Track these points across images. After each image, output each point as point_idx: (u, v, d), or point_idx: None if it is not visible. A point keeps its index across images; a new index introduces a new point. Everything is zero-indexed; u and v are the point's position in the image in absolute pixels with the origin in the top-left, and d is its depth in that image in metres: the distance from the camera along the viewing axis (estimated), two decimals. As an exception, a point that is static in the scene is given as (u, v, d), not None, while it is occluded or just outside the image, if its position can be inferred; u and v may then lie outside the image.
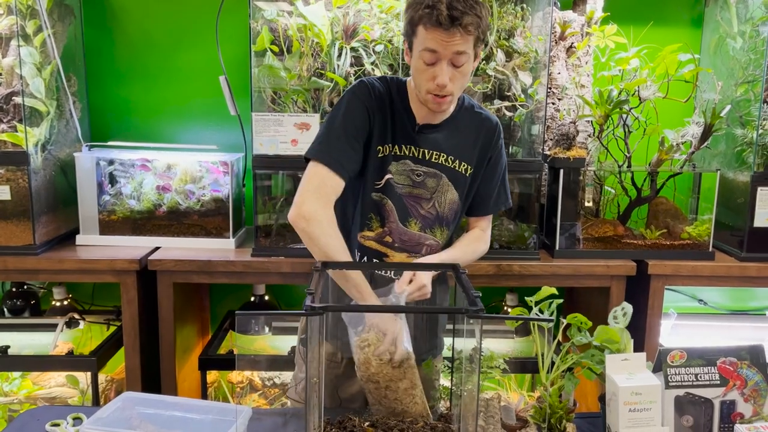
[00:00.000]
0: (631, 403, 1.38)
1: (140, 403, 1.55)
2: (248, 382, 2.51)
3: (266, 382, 2.51)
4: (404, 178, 1.61)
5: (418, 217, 1.64)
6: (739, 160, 2.32)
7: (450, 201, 1.66)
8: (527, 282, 2.19)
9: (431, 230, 1.66)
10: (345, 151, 1.54)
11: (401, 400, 1.40)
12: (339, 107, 1.59)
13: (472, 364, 1.27)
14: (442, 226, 1.67)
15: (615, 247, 2.26)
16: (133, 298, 2.13)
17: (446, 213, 1.66)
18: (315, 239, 1.49)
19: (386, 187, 1.60)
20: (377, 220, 1.62)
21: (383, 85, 1.61)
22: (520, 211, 2.32)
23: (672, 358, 1.45)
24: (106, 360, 2.26)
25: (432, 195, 1.64)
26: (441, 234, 1.68)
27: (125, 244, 2.27)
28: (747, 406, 1.43)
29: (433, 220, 1.66)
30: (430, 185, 1.63)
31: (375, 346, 1.38)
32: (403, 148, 1.61)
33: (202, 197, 2.29)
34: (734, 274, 2.21)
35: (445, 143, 1.63)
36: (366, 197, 1.61)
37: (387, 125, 1.59)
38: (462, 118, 1.67)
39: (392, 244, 1.63)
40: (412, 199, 1.63)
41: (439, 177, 1.64)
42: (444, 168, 1.64)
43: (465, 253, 1.69)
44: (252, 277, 2.18)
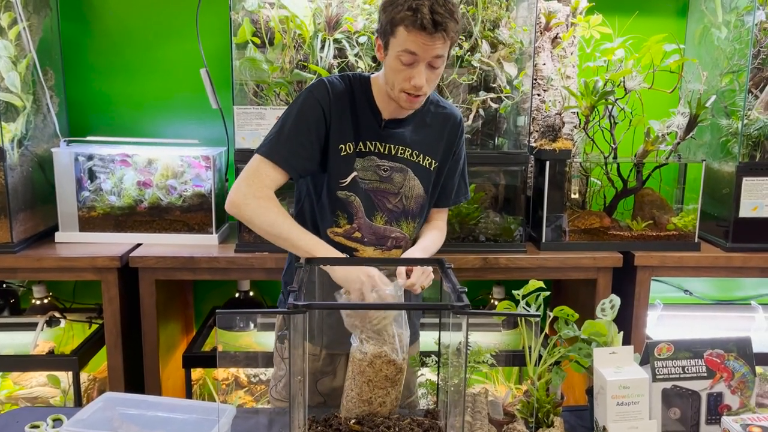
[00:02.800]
0: (619, 396, 1.38)
1: (122, 403, 1.52)
2: (234, 379, 2.49)
3: (252, 379, 2.49)
4: (371, 174, 1.60)
5: (384, 211, 1.63)
6: (725, 150, 2.32)
7: (416, 195, 1.65)
8: (514, 275, 2.18)
9: (397, 224, 1.65)
10: (292, 147, 1.54)
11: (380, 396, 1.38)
12: (294, 105, 1.58)
13: (459, 358, 1.25)
14: (408, 220, 1.66)
15: (601, 239, 2.25)
16: (115, 296, 2.09)
17: (413, 207, 1.66)
18: (251, 221, 1.52)
19: (352, 185, 1.59)
20: (344, 217, 1.61)
21: (344, 83, 1.60)
22: (506, 204, 2.31)
23: (659, 351, 1.45)
24: (87, 359, 2.22)
25: (399, 189, 1.63)
26: (407, 227, 1.67)
27: (106, 241, 2.23)
28: (734, 398, 1.43)
29: (400, 214, 1.65)
30: (397, 180, 1.62)
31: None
32: (368, 144, 1.60)
33: (184, 192, 2.25)
34: (720, 265, 2.21)
35: (411, 138, 1.63)
36: (332, 195, 1.60)
37: (348, 123, 1.58)
38: (427, 113, 1.66)
39: (361, 239, 1.62)
40: (379, 194, 1.62)
41: (405, 171, 1.63)
42: (409, 162, 1.63)
43: (435, 242, 1.71)
44: (236, 273, 2.15)
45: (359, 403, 1.36)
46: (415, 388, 1.74)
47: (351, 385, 1.38)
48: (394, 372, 1.35)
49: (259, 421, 1.60)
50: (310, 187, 1.64)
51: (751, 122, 2.17)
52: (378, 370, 1.34)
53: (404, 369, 1.38)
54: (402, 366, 1.36)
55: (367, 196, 1.61)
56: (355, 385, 1.37)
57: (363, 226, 1.61)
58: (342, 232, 1.61)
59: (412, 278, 1.47)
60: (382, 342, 1.34)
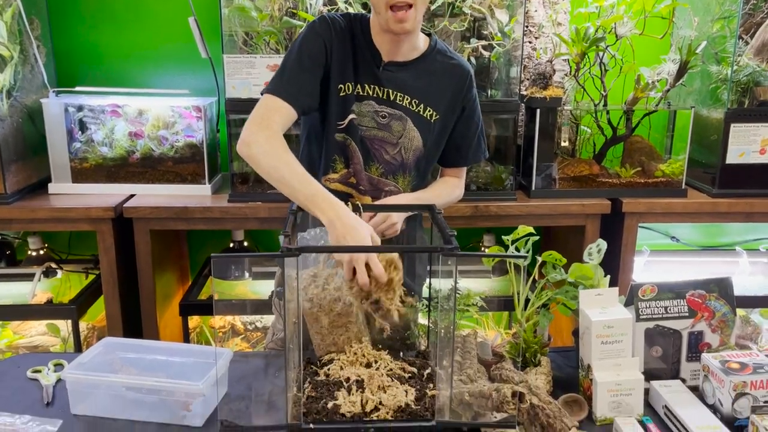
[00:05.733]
0: (603, 336, 1.42)
1: (121, 348, 1.56)
2: (230, 327, 2.54)
3: (248, 326, 2.54)
4: (368, 120, 1.58)
5: (381, 162, 1.61)
6: (714, 97, 2.33)
7: (415, 147, 1.63)
8: (504, 222, 2.21)
9: (393, 177, 1.64)
10: (297, 82, 1.51)
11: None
12: (296, 41, 1.55)
13: (449, 302, 1.29)
14: (404, 174, 1.65)
15: (590, 186, 2.28)
16: (110, 246, 2.12)
17: (410, 160, 1.63)
18: (257, 160, 1.45)
19: (349, 129, 1.57)
20: (341, 162, 1.60)
21: (345, 20, 1.56)
22: (496, 153, 2.32)
23: (643, 292, 1.49)
24: (86, 308, 2.26)
25: (398, 140, 1.61)
26: (403, 181, 1.65)
27: (99, 192, 2.24)
28: (714, 336, 1.48)
29: (397, 167, 1.63)
30: (396, 129, 1.60)
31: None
32: (366, 87, 1.57)
33: (175, 143, 2.25)
34: (706, 211, 2.25)
35: (411, 85, 1.59)
36: (329, 139, 1.59)
37: (348, 62, 1.55)
38: (432, 61, 1.62)
39: (357, 186, 1.62)
40: (376, 142, 1.60)
41: (404, 120, 1.60)
42: (408, 111, 1.60)
43: (439, 196, 1.68)
44: (229, 222, 2.18)
45: (326, 346, 1.40)
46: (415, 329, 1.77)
47: (313, 333, 1.41)
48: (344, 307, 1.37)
49: (255, 364, 1.65)
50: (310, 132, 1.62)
51: (741, 68, 2.18)
52: (329, 311, 1.37)
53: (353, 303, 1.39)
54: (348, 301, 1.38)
55: (364, 144, 1.60)
56: (315, 332, 1.40)
57: (359, 172, 1.61)
58: (338, 177, 1.61)
59: (370, 222, 1.46)
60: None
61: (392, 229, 1.52)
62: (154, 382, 1.39)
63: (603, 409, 1.39)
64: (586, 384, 1.46)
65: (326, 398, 1.26)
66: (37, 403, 1.45)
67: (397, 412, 1.23)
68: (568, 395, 1.45)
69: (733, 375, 1.32)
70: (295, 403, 1.22)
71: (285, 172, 1.42)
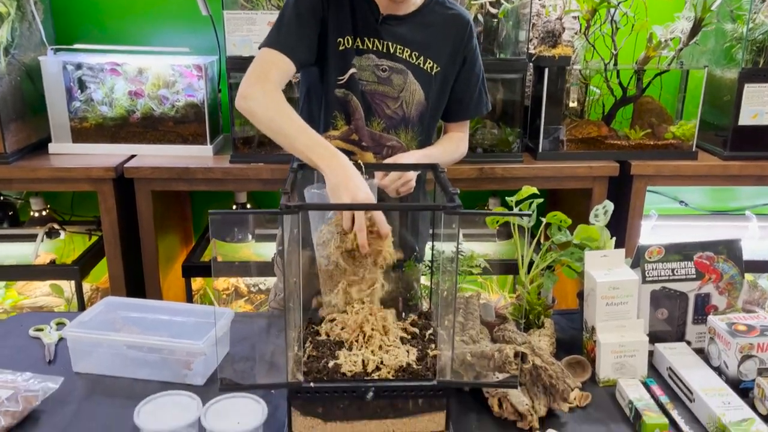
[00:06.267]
0: (608, 297, 1.40)
1: (122, 307, 1.55)
2: (233, 289, 2.54)
3: (251, 289, 2.54)
4: (369, 74, 1.55)
5: (383, 116, 1.59)
6: (728, 56, 2.26)
7: (417, 101, 1.60)
8: (510, 185, 2.18)
9: (395, 132, 1.61)
10: (295, 35, 1.48)
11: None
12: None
13: (452, 264, 1.26)
14: (407, 128, 1.62)
15: (598, 149, 2.24)
16: (112, 207, 2.10)
17: (413, 114, 1.61)
18: (255, 113, 1.42)
19: (350, 84, 1.55)
20: (342, 118, 1.57)
21: None
22: (503, 114, 2.28)
23: (650, 254, 1.47)
24: (89, 269, 2.26)
25: (399, 94, 1.58)
26: (405, 136, 1.62)
27: (100, 152, 2.21)
28: (721, 298, 1.46)
29: (399, 121, 1.60)
30: (397, 82, 1.57)
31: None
32: (366, 41, 1.54)
33: (176, 103, 2.21)
34: (716, 173, 2.21)
35: (410, 37, 1.56)
36: (329, 95, 1.56)
37: (346, 15, 1.52)
38: (430, 13, 1.59)
39: (359, 143, 1.59)
40: (377, 97, 1.57)
41: (405, 74, 1.57)
42: (408, 64, 1.57)
43: (444, 152, 1.65)
44: (231, 184, 2.15)
45: (337, 304, 1.38)
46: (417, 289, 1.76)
47: (325, 290, 1.39)
48: (360, 267, 1.35)
49: (257, 325, 1.64)
50: (310, 88, 1.59)
51: (757, 26, 2.11)
52: (344, 270, 1.35)
53: (369, 263, 1.37)
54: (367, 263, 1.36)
55: (365, 99, 1.57)
56: (327, 289, 1.38)
57: (360, 129, 1.58)
58: (339, 134, 1.58)
59: (386, 179, 1.44)
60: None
61: (407, 186, 1.49)
62: (155, 341, 1.38)
63: (606, 371, 1.38)
64: (589, 346, 1.45)
65: (327, 357, 1.25)
66: (39, 361, 1.46)
67: (398, 371, 1.22)
68: (571, 357, 1.44)
69: (740, 337, 1.30)
70: (296, 362, 1.21)
71: (283, 122, 1.39)
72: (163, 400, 1.24)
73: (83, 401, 1.31)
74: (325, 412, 1.21)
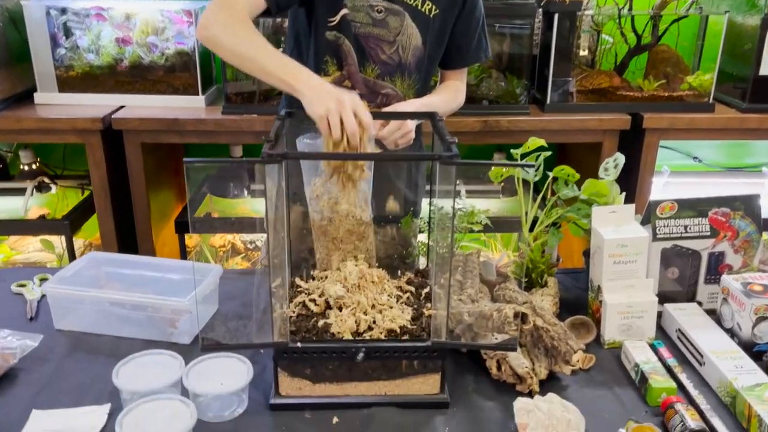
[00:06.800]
0: (616, 255, 1.33)
1: (106, 262, 1.49)
2: (230, 246, 2.48)
3: (248, 245, 2.47)
4: (362, 16, 1.44)
5: (377, 62, 1.48)
6: (750, 2, 2.13)
7: (414, 46, 1.50)
8: (515, 138, 2.08)
9: (391, 78, 1.51)
10: None
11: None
12: None
13: (450, 219, 1.18)
14: (403, 76, 1.52)
15: (610, 100, 2.14)
16: (100, 160, 2.03)
17: (409, 60, 1.51)
18: (218, 40, 1.31)
19: (342, 26, 1.44)
20: (333, 63, 1.47)
21: None
22: (510, 63, 2.17)
23: (662, 210, 1.39)
24: (80, 224, 2.20)
25: (395, 37, 1.47)
26: (402, 84, 1.53)
27: (87, 103, 2.12)
28: (736, 257, 1.38)
29: (394, 68, 1.50)
30: (393, 25, 1.46)
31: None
32: None
33: (166, 50, 2.11)
34: (733, 127, 2.10)
35: None
36: (319, 39, 1.45)
37: None
38: None
39: (351, 90, 1.50)
40: (371, 41, 1.47)
41: (402, 16, 1.46)
42: (406, 5, 1.46)
43: (444, 102, 1.56)
44: (224, 136, 2.06)
45: (330, 262, 1.32)
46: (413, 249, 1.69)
47: (318, 246, 1.33)
48: (357, 225, 1.29)
49: (248, 282, 1.58)
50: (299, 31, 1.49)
51: (784, -32, 1.97)
52: (339, 226, 1.28)
53: (369, 222, 1.31)
54: (364, 218, 1.29)
55: (358, 43, 1.47)
56: (321, 245, 1.32)
57: (353, 74, 1.48)
58: (330, 80, 1.47)
59: (384, 130, 1.35)
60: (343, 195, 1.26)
61: (406, 137, 1.40)
62: (138, 298, 1.33)
63: (612, 332, 1.32)
64: (595, 306, 1.38)
65: (317, 317, 1.19)
66: (20, 318, 1.41)
67: (392, 332, 1.15)
68: (575, 317, 1.37)
69: (756, 298, 1.23)
70: (283, 321, 1.15)
71: (250, 46, 1.28)
72: (144, 360, 1.19)
73: (63, 359, 1.26)
74: (314, 374, 1.15)
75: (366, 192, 1.31)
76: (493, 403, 1.16)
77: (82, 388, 1.18)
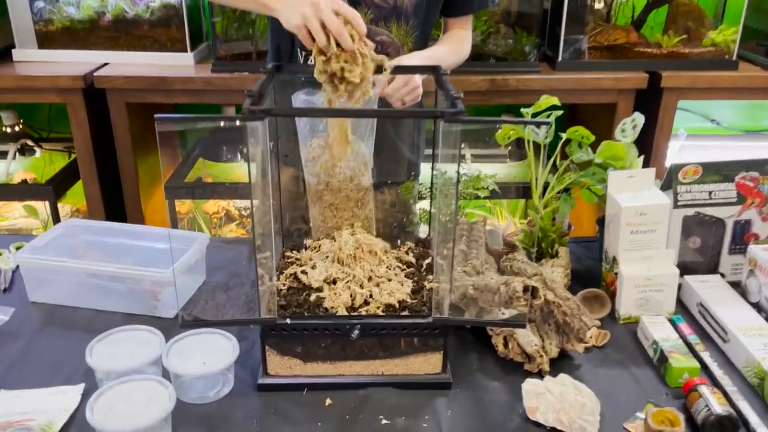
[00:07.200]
0: (634, 224, 1.23)
1: (85, 230, 1.40)
2: (224, 213, 2.37)
3: (243, 212, 2.37)
4: None
5: (370, 5, 1.34)
6: (780, -49, 1.98)
7: None
8: (524, 98, 1.96)
9: (386, 24, 1.37)
10: None
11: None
12: None
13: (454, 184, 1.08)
14: (399, 21, 1.38)
15: (626, 57, 2.01)
16: (83, 121, 1.91)
17: (406, 3, 1.36)
18: None
19: None
20: None
21: None
22: (519, 18, 2.03)
23: (684, 174, 1.27)
24: (65, 189, 2.10)
25: None
26: (398, 31, 1.39)
27: (69, 60, 2.00)
28: (764, 226, 1.28)
29: (390, 12, 1.36)
30: None
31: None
32: None
33: (151, 3, 1.97)
34: (758, 86, 1.98)
35: None
36: None
37: None
38: None
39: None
40: None
41: None
42: None
43: (449, 53, 1.43)
44: (214, 95, 1.94)
45: (326, 229, 1.21)
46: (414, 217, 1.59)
47: (314, 213, 1.22)
48: (355, 191, 1.18)
49: (238, 251, 1.49)
50: None
51: None
52: (337, 192, 1.17)
53: (369, 187, 1.20)
54: (363, 182, 1.19)
55: None
56: (317, 211, 1.21)
57: None
58: None
59: (389, 87, 1.22)
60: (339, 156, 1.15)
61: (414, 93, 1.27)
62: (116, 269, 1.23)
63: (628, 307, 1.23)
64: (609, 278, 1.29)
65: (309, 290, 1.09)
66: (-7, 289, 1.32)
67: (390, 307, 1.05)
68: (588, 290, 1.28)
69: (788, 270, 1.12)
70: (271, 294, 1.05)
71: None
72: (121, 336, 1.10)
73: (36, 334, 1.18)
74: (305, 352, 1.06)
75: (366, 155, 1.20)
76: (498, 383, 1.08)
77: (54, 366, 1.09)
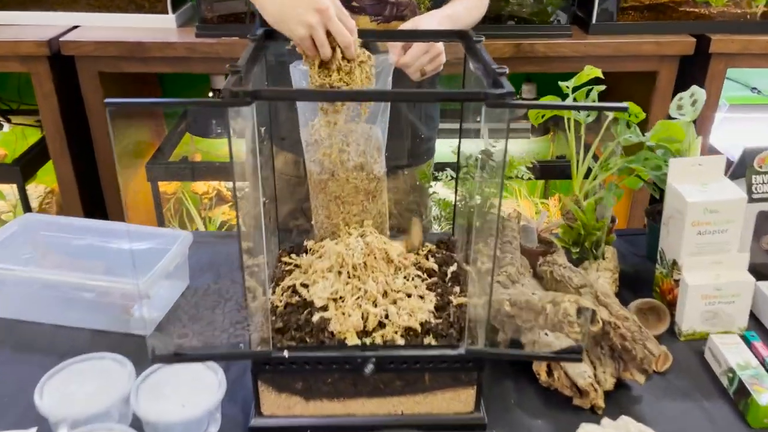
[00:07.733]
0: (703, 223, 1.02)
1: (45, 227, 1.19)
2: (215, 193, 2.16)
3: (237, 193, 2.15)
4: None
5: None
6: None
7: None
8: (552, 66, 1.73)
9: None
10: None
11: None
12: None
13: (483, 172, 0.86)
14: None
15: (669, 19, 1.77)
16: (50, 92, 1.69)
17: None
18: None
19: None
20: None
21: None
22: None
23: (761, 162, 1.06)
24: (35, 169, 1.88)
25: None
26: None
27: (35, 23, 1.76)
28: None
29: None
30: None
31: None
32: None
33: (125, -44, 1.73)
34: (819, 51, 1.74)
35: None
36: None
37: None
38: None
39: (348, 3, 1.14)
40: None
41: None
42: None
43: (470, 9, 1.20)
44: (198, 63, 1.70)
45: (331, 227, 1.00)
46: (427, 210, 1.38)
47: (317, 207, 1.01)
48: (366, 181, 0.97)
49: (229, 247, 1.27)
50: None
51: None
52: (344, 183, 0.96)
53: (382, 176, 0.99)
54: (375, 171, 0.98)
55: None
56: (320, 205, 1.00)
57: None
58: None
59: (407, 56, 1.02)
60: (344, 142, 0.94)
61: (435, 62, 1.05)
62: (78, 279, 1.02)
63: (692, 321, 1.04)
64: (666, 285, 1.09)
65: (311, 308, 0.88)
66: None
67: (410, 330, 0.85)
68: (642, 301, 1.07)
69: None
70: (265, 317, 0.84)
71: None
72: (80, 368, 0.90)
73: (-20, 359, 0.97)
74: (307, 388, 0.87)
75: (378, 138, 0.98)
76: (542, 421, 0.89)
77: (1, 402, 0.89)
